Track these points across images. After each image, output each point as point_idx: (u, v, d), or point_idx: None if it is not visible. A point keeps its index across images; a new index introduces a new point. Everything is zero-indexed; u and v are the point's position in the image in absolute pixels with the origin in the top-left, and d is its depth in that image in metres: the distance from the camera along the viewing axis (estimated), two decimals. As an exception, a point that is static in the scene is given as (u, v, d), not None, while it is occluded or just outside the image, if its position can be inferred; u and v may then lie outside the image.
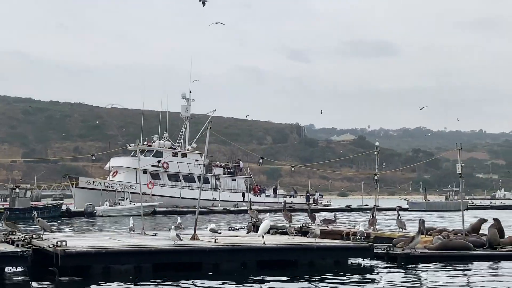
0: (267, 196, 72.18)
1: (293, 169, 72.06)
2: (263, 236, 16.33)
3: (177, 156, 66.50)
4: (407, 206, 69.95)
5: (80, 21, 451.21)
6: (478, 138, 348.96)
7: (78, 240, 16.88)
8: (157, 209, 54.57)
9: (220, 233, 17.69)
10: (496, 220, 20.64)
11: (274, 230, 22.68)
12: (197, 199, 64.66)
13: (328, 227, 23.39)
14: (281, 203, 70.63)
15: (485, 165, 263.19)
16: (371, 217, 26.02)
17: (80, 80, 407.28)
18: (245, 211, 59.64)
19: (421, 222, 17.61)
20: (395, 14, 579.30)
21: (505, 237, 21.24)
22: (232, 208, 60.15)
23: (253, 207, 61.89)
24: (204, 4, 29.45)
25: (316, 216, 26.61)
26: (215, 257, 15.65)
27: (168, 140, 67.64)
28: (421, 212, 65.17)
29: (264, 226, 16.30)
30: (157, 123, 69.79)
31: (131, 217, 23.28)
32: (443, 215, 59.82)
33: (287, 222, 25.16)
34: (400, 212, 65.07)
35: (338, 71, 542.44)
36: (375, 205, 27.04)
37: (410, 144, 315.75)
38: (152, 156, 64.94)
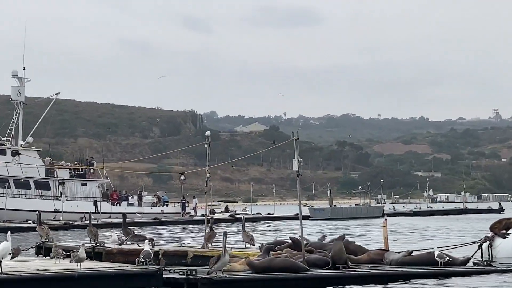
0: (130, 204, 70.57)
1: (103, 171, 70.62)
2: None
3: (5, 155, 63.89)
4: (309, 214, 70.34)
5: None
6: (419, 127, 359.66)
7: None
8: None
9: None
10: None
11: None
12: (32, 211, 62.33)
13: (139, 245, 22.38)
14: (150, 213, 69.84)
15: (425, 161, 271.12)
16: (209, 231, 25.34)
17: None
18: (99, 225, 58.20)
19: (224, 235, 16.81)
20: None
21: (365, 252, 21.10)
22: (78, 222, 58.29)
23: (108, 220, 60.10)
24: None
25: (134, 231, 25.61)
26: None
27: (-8, 133, 64.98)
28: (325, 221, 65.74)
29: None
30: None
31: None
32: (351, 224, 60.38)
33: (91, 240, 24.05)
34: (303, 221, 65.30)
35: (247, 44, 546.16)
36: (212, 216, 26.39)
37: (336, 135, 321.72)
38: (-31, 155, 62.19)
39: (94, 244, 21.54)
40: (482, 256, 23.31)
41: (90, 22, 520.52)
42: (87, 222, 60.32)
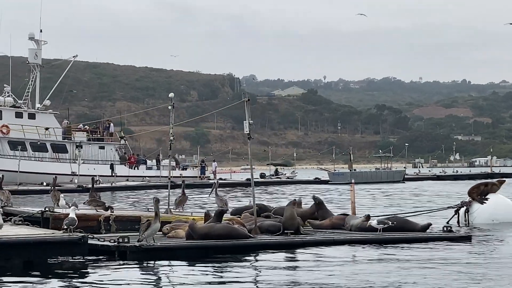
0: (148, 168, 70.38)
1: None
2: None
3: (22, 117, 63.95)
4: (328, 178, 69.32)
5: None
6: (461, 90, 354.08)
7: None
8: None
9: None
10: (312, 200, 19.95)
11: (21, 219, 20.30)
12: (48, 173, 62.21)
13: (97, 210, 21.64)
14: (166, 177, 69.42)
15: (466, 124, 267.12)
16: (181, 195, 24.68)
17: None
18: (110, 189, 57.97)
19: (156, 201, 15.96)
20: None
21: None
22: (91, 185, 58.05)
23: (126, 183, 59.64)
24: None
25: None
26: None
27: (9, 95, 64.86)
28: (345, 185, 64.75)
29: None
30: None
31: None
32: (370, 188, 59.34)
33: (55, 205, 23.36)
34: (319, 186, 64.45)
35: (287, 7, 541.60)
36: (183, 180, 25.76)
37: (376, 99, 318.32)
38: (-14, 117, 62.41)
39: (43, 209, 20.79)
40: (458, 222, 22.48)
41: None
42: (102, 185, 60.59)
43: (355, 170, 76.00)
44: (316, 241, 17.25)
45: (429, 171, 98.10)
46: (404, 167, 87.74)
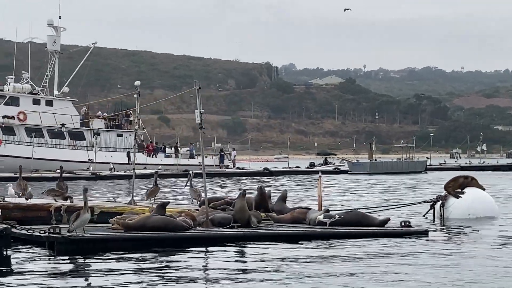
0: (167, 156, 69.99)
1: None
2: None
3: (39, 104, 63.90)
4: (347, 168, 68.29)
5: None
6: (503, 80, 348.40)
7: None
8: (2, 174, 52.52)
9: None
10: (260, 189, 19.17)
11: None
12: (64, 160, 61.93)
13: (56, 200, 21.00)
14: (185, 165, 68.98)
15: (507, 115, 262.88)
16: (153, 185, 23.97)
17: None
18: (126, 177, 57.63)
19: (84, 191, 15.27)
20: None
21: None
22: (105, 173, 57.93)
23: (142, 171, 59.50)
24: None
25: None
26: None
27: (27, 82, 64.84)
28: (365, 175, 63.77)
29: None
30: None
31: None
32: (390, 179, 58.33)
33: (20, 194, 22.81)
34: (338, 175, 63.37)
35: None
36: (156, 171, 25.11)
37: (417, 88, 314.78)
38: (4, 104, 62.32)
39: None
40: (434, 216, 21.48)
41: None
42: (117, 173, 60.14)
43: (375, 160, 74.72)
44: (256, 234, 16.41)
45: (455, 161, 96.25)
46: (427, 158, 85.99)
